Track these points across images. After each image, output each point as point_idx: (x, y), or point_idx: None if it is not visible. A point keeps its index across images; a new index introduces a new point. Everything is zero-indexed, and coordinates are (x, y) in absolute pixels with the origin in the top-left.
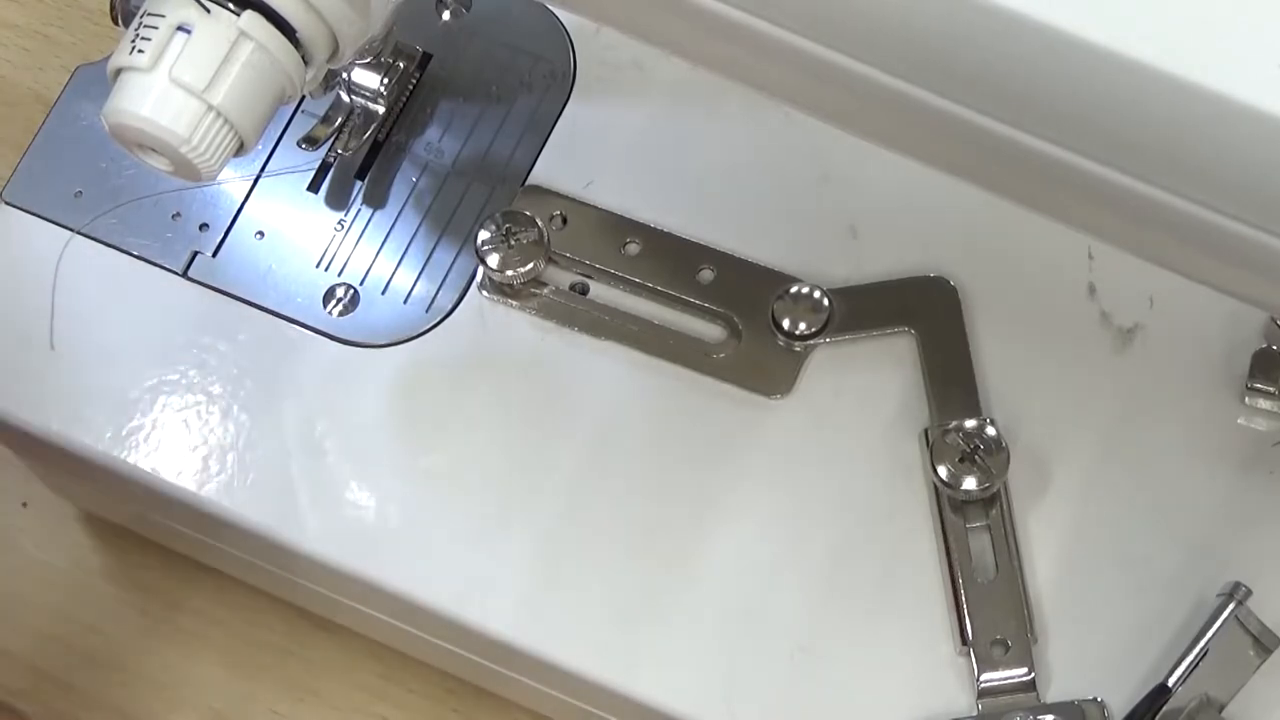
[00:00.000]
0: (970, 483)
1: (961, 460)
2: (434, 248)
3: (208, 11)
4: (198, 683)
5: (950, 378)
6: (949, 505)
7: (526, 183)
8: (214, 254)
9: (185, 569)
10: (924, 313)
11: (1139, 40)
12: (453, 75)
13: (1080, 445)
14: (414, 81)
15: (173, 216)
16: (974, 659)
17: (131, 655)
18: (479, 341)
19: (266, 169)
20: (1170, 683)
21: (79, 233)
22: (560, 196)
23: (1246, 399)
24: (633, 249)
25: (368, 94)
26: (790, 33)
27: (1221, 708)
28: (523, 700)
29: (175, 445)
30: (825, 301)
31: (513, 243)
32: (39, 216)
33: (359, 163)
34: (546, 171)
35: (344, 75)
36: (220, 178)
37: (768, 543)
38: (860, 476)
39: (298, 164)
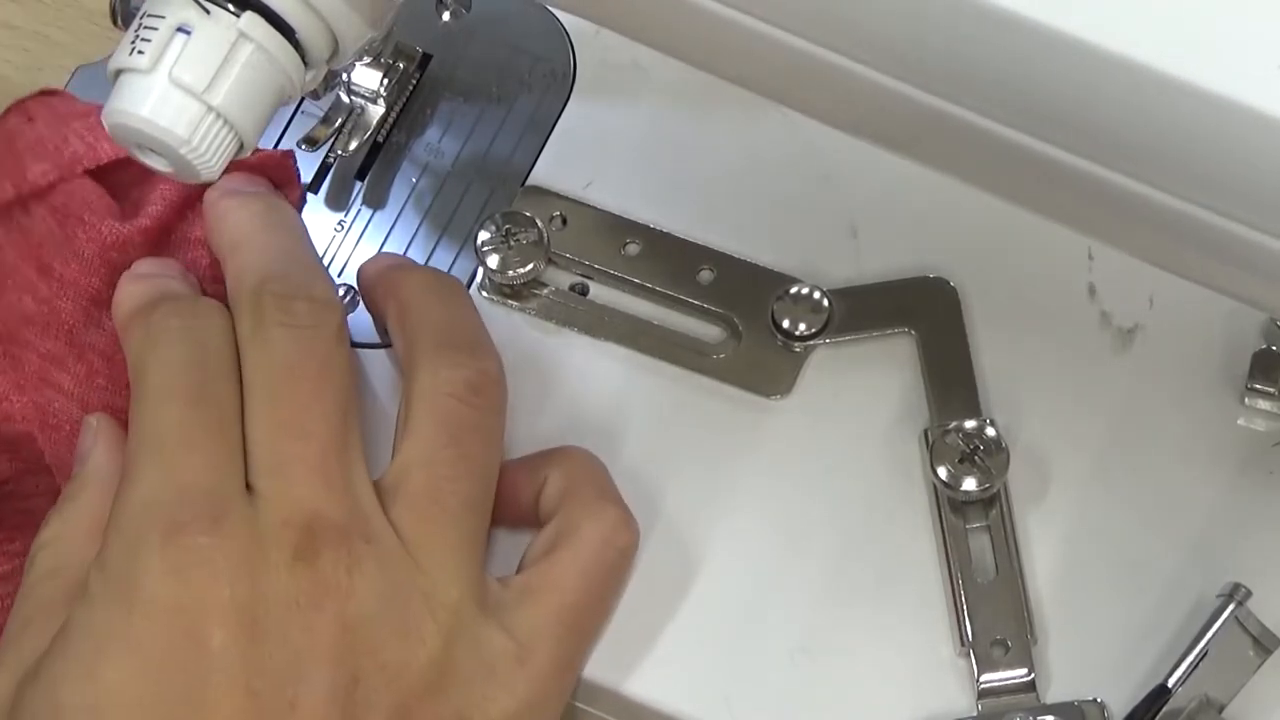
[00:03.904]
0: (970, 483)
1: (961, 460)
2: (434, 248)
3: (207, 12)
4: None
5: (950, 378)
6: (949, 505)
7: (526, 183)
8: None
9: None
10: (924, 313)
11: (1139, 41)
12: (453, 75)
13: (1080, 445)
14: (414, 81)
15: None
16: (974, 660)
17: None
18: None
19: None
20: (1170, 683)
21: None
22: (560, 197)
23: (1246, 399)
24: (633, 249)
25: (368, 94)
26: (790, 34)
27: (1221, 708)
28: None
29: None
30: (825, 302)
31: (513, 243)
32: None
33: (359, 163)
34: (546, 171)
35: (344, 75)
36: None
37: (767, 543)
38: (860, 477)
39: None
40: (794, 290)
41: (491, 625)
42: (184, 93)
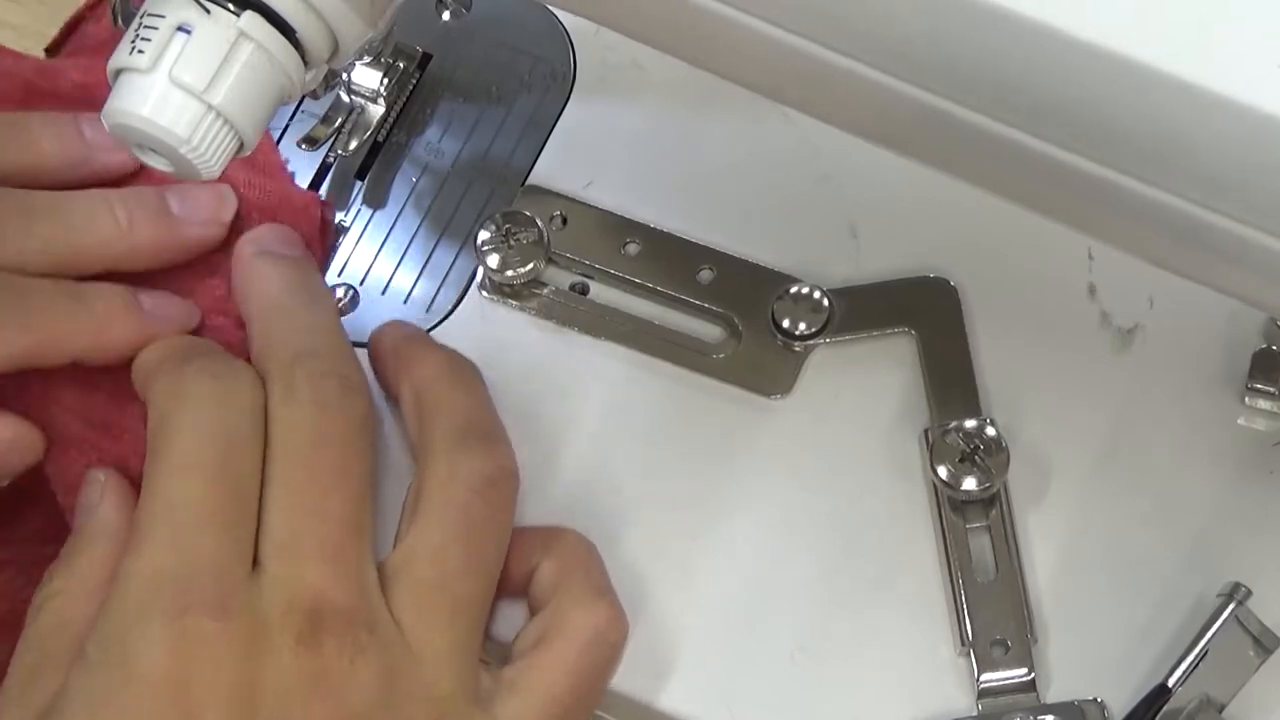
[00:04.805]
0: (970, 483)
1: (961, 460)
2: (434, 248)
3: (207, 12)
4: None
5: (950, 378)
6: (949, 505)
7: (526, 183)
8: None
9: None
10: (924, 313)
11: (1139, 40)
12: (453, 75)
13: (1080, 445)
14: (414, 81)
15: None
16: (974, 659)
17: None
18: (479, 342)
19: None
20: (1170, 683)
21: None
22: (560, 196)
23: (1246, 399)
24: (633, 249)
25: (368, 94)
26: (790, 34)
27: (1221, 708)
28: None
29: None
30: (825, 301)
31: (513, 243)
32: None
33: (359, 163)
34: (546, 171)
35: (344, 75)
36: None
37: (767, 542)
38: (860, 476)
39: (298, 164)
40: (794, 290)
41: (481, 719)
42: (184, 92)
